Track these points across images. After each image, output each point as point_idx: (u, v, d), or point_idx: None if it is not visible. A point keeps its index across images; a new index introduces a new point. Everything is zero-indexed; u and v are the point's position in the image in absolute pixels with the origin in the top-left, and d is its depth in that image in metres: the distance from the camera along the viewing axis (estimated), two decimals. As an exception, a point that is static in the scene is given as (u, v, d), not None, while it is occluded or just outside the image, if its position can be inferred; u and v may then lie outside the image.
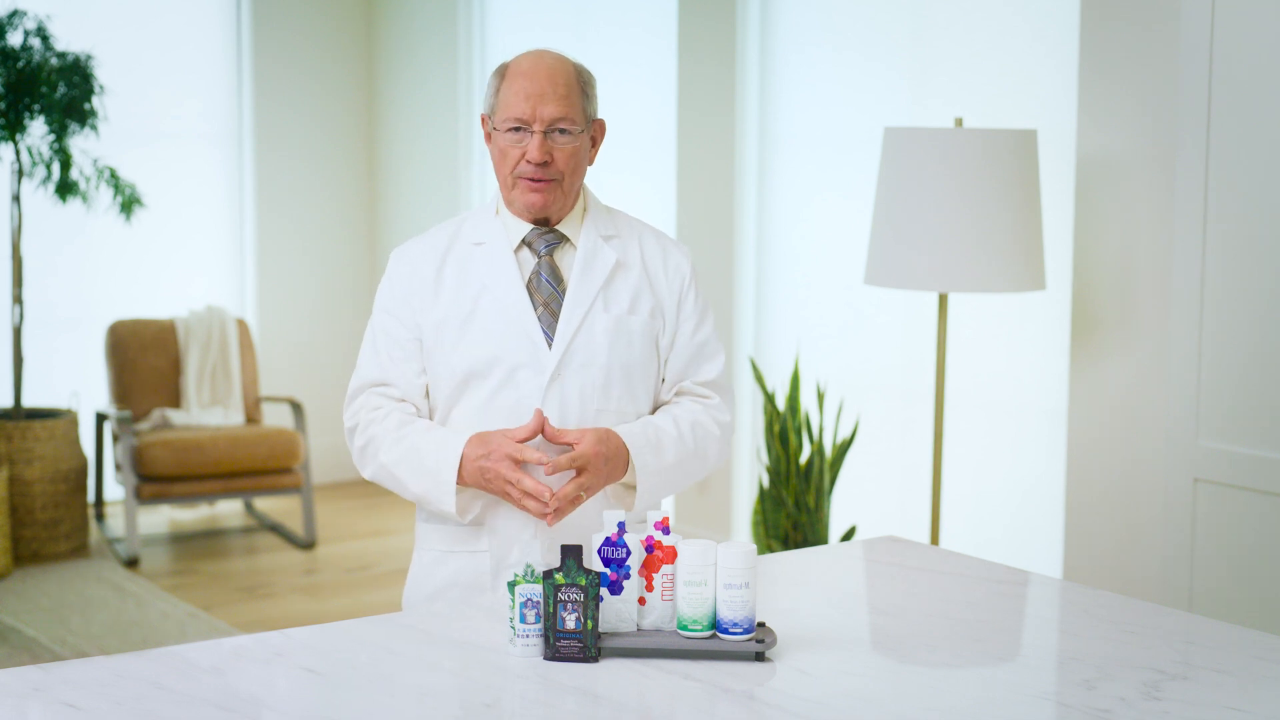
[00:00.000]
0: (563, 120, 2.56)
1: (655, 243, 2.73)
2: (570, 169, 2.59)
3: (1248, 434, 3.94)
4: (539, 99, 2.55)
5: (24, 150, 6.14)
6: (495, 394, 2.60)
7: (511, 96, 2.57)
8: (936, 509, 4.37)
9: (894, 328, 5.29)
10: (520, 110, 2.55)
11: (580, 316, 2.60)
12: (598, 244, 2.65)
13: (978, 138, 4.10)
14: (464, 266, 2.65)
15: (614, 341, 2.62)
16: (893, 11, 5.26)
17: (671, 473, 2.63)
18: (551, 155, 2.56)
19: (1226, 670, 2.19)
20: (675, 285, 2.70)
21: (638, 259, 2.68)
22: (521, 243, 2.64)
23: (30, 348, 6.62)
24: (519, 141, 2.57)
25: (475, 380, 2.60)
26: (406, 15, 7.53)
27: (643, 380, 2.66)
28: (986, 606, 2.50)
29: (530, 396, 2.58)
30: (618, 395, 2.62)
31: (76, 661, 2.14)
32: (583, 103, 2.60)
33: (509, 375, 2.59)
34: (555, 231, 2.65)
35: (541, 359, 2.59)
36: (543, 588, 2.17)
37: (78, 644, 5.09)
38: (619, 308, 2.64)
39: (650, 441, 2.60)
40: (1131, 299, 4.28)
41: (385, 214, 7.77)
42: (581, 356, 2.60)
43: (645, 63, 6.23)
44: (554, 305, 2.62)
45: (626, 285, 2.65)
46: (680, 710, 2.04)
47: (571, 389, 2.59)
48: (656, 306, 2.67)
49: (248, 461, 6.39)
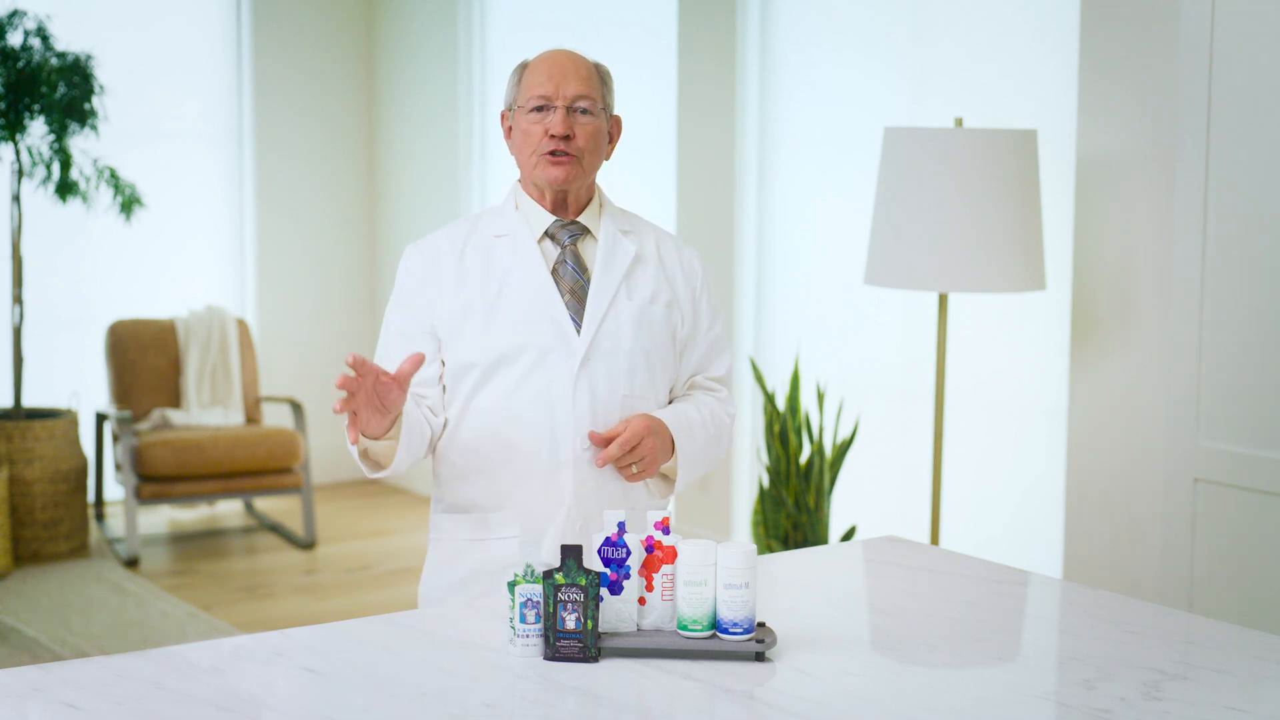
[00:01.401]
0: (584, 98, 2.63)
1: (669, 240, 2.82)
2: (590, 148, 2.65)
3: (1248, 434, 3.94)
4: (562, 78, 2.63)
5: (24, 150, 6.14)
6: (524, 379, 2.63)
7: (535, 79, 2.64)
8: (936, 509, 4.37)
9: (894, 328, 5.29)
10: (544, 88, 2.63)
11: (607, 303, 2.66)
12: (617, 236, 2.72)
13: (978, 138, 4.10)
14: (486, 256, 2.68)
15: (638, 329, 2.68)
16: (893, 11, 5.26)
17: (702, 457, 2.73)
18: (573, 130, 2.62)
19: (1226, 670, 2.19)
20: (691, 282, 2.78)
21: (654, 253, 2.76)
22: (544, 234, 2.69)
23: (30, 348, 6.62)
24: (542, 119, 2.63)
25: (504, 365, 2.63)
26: (406, 15, 7.53)
27: (662, 369, 2.73)
28: (986, 606, 2.50)
29: (560, 381, 2.63)
30: (641, 382, 2.69)
31: (76, 661, 2.14)
32: (602, 90, 2.68)
33: (538, 360, 2.63)
34: (576, 223, 2.70)
35: (571, 344, 2.63)
36: (543, 588, 2.17)
37: (78, 644, 5.09)
38: (641, 296, 2.71)
39: (684, 426, 2.69)
40: (1131, 299, 4.28)
41: (385, 214, 7.77)
42: (609, 343, 2.65)
43: (645, 63, 6.23)
44: (580, 292, 2.66)
45: (646, 276, 2.73)
46: (680, 710, 2.04)
47: (600, 374, 2.64)
48: (674, 300, 2.75)
49: (248, 461, 6.39)
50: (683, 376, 2.79)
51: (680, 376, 2.78)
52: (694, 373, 2.80)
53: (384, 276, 7.78)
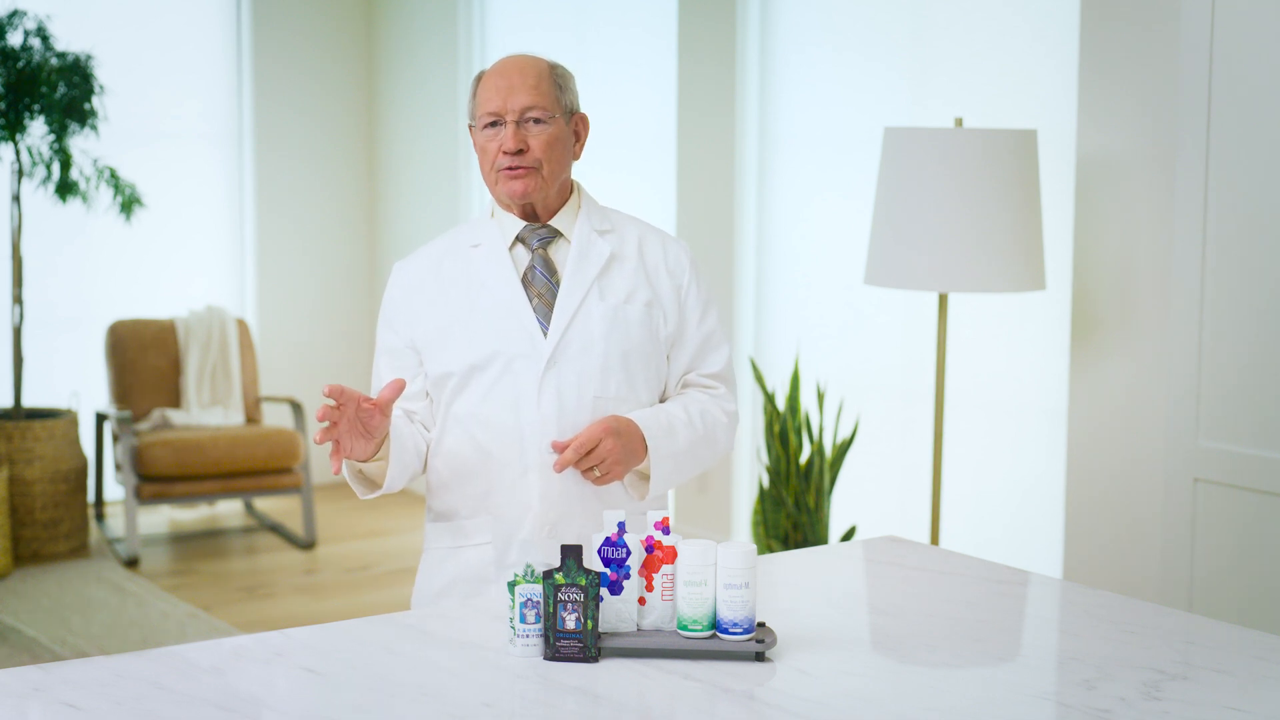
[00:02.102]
0: (534, 109, 2.62)
1: (654, 237, 2.77)
2: (547, 156, 2.63)
3: (1248, 434, 3.93)
4: (508, 91, 2.62)
5: (24, 150, 6.14)
6: (494, 385, 2.64)
7: (484, 95, 2.65)
8: (936, 509, 4.36)
9: (894, 328, 5.29)
10: (493, 104, 2.62)
11: (575, 305, 2.65)
12: (591, 238, 2.70)
13: (978, 138, 4.09)
14: (462, 269, 2.70)
15: (610, 329, 2.66)
16: (893, 11, 5.26)
17: (684, 457, 2.67)
18: (526, 143, 2.62)
19: (1226, 670, 2.19)
20: (676, 279, 2.74)
21: (634, 252, 2.73)
22: (516, 240, 2.69)
23: (30, 348, 6.62)
24: (495, 135, 2.63)
25: (476, 374, 2.65)
26: (406, 15, 7.53)
27: (642, 370, 2.69)
28: (986, 606, 2.50)
29: (528, 385, 2.62)
30: (616, 383, 2.66)
31: (76, 661, 2.14)
32: (555, 93, 2.65)
33: (506, 366, 2.63)
34: (548, 227, 2.69)
35: (538, 348, 2.63)
36: (543, 588, 2.17)
37: (78, 644, 5.09)
38: (615, 298, 2.68)
39: (663, 425, 2.64)
40: (1131, 299, 4.28)
41: (385, 214, 7.77)
42: (578, 344, 2.64)
43: (645, 63, 6.23)
44: (548, 296, 2.66)
45: (622, 277, 2.70)
46: (680, 710, 2.03)
47: (568, 376, 2.63)
48: (655, 299, 2.71)
49: (248, 461, 6.39)
50: (674, 376, 2.75)
51: (672, 376, 2.75)
52: (686, 370, 2.76)
53: (384, 277, 7.77)
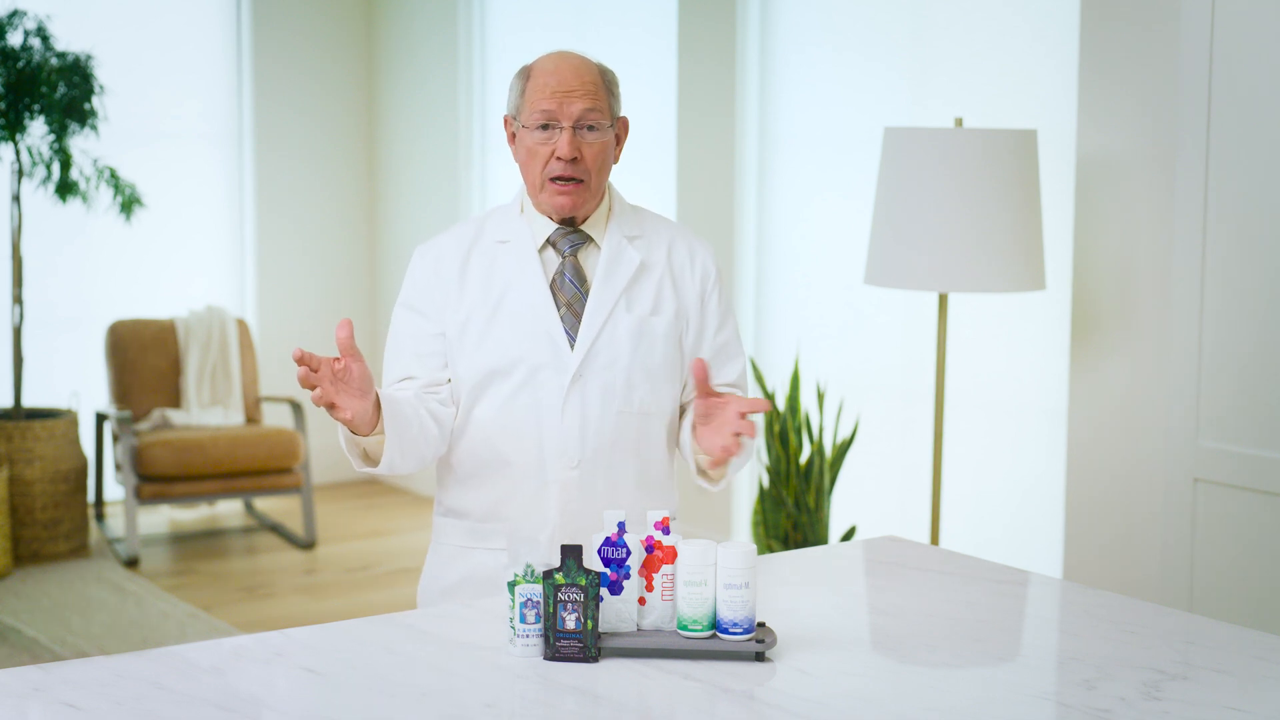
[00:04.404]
0: (590, 115, 2.55)
1: (682, 243, 2.71)
2: (597, 167, 2.57)
3: (1248, 434, 3.94)
4: (566, 95, 2.54)
5: (24, 150, 6.13)
6: (516, 393, 2.59)
7: (538, 95, 2.55)
8: (936, 509, 4.36)
9: (894, 328, 5.29)
10: (548, 104, 2.54)
11: (603, 318, 2.60)
12: (622, 245, 2.64)
13: (978, 138, 4.09)
14: (488, 264, 2.63)
15: (637, 343, 2.61)
16: (893, 11, 5.26)
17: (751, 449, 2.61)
18: (580, 151, 2.55)
19: (1226, 670, 2.19)
20: (700, 286, 2.69)
21: (663, 260, 2.67)
22: (546, 242, 2.63)
23: (30, 348, 6.62)
24: (548, 140, 2.55)
25: (497, 379, 2.59)
26: (406, 15, 7.53)
27: (666, 381, 2.65)
28: (986, 606, 2.50)
29: (551, 396, 2.58)
30: (640, 397, 2.62)
31: (76, 661, 2.14)
32: (608, 100, 2.59)
33: (530, 375, 2.59)
34: (580, 232, 2.63)
35: (564, 360, 2.59)
36: (543, 588, 2.17)
37: (78, 644, 5.09)
38: (642, 309, 2.63)
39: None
40: (1131, 299, 4.28)
41: (385, 214, 7.77)
42: (604, 358, 2.59)
43: (645, 63, 6.23)
44: (577, 306, 2.61)
45: (650, 286, 2.65)
46: (680, 710, 2.03)
47: (593, 390, 2.59)
48: (680, 308, 2.66)
49: (248, 461, 6.39)
50: (689, 385, 2.68)
51: (687, 384, 2.69)
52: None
53: (384, 276, 7.78)
